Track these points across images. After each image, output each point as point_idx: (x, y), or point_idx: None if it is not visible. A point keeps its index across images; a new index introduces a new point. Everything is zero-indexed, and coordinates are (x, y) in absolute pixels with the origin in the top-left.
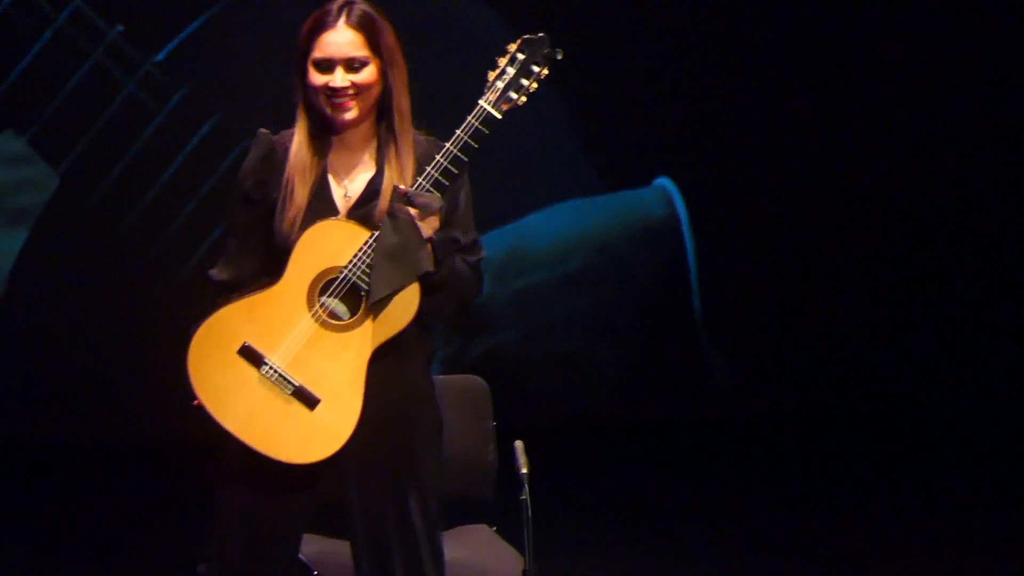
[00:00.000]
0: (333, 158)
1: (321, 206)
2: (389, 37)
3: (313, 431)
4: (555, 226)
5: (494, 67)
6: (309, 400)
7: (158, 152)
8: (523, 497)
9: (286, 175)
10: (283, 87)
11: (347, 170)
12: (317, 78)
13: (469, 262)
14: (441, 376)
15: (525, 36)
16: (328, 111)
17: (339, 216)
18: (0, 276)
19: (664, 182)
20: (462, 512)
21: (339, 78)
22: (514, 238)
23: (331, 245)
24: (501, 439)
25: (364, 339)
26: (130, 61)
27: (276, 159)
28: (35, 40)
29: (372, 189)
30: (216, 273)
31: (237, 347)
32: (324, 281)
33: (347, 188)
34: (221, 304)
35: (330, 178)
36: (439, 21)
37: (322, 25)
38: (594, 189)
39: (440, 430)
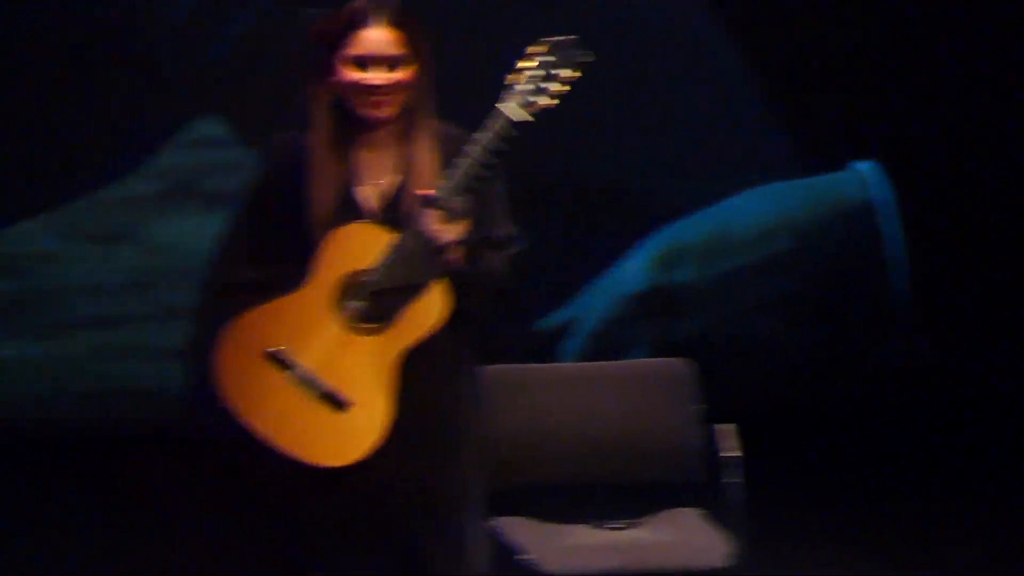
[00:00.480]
0: (357, 158)
1: (347, 207)
2: (423, 36)
3: (344, 433)
4: (757, 209)
5: (517, 71)
6: (339, 403)
7: None
8: (732, 480)
9: (310, 176)
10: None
11: (371, 170)
12: (353, 75)
13: (503, 256)
14: (648, 359)
15: (555, 38)
16: (362, 109)
17: (365, 220)
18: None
19: (865, 165)
20: (671, 495)
21: (378, 75)
22: (714, 221)
23: (357, 248)
24: (707, 422)
25: (392, 341)
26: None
27: (294, 161)
28: (238, 23)
29: (398, 191)
30: (235, 274)
31: (264, 351)
32: (350, 284)
33: (372, 189)
34: (244, 306)
35: (355, 179)
36: (630, 4)
37: (359, 22)
38: (795, 172)
39: (476, 424)
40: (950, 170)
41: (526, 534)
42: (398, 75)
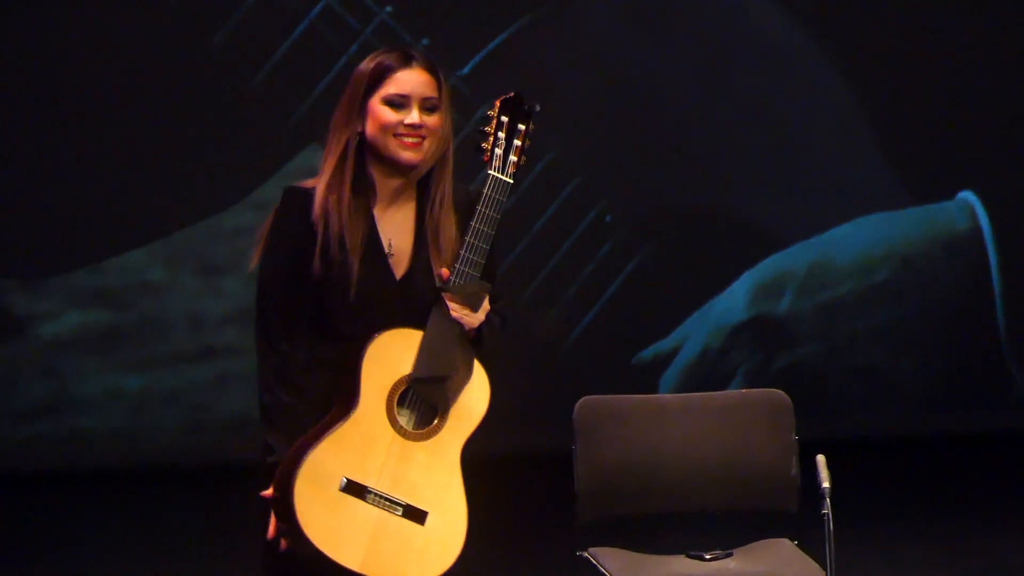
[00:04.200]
0: (378, 209)
1: (374, 266)
2: (448, 89)
3: (428, 544)
4: (860, 239)
5: (484, 136)
6: (418, 515)
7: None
8: (825, 512)
9: (334, 231)
10: (581, 100)
11: (392, 222)
12: (389, 115)
13: (501, 316)
14: (744, 390)
15: (501, 98)
16: (396, 151)
17: (392, 328)
18: None
19: (968, 195)
20: (764, 525)
21: (416, 115)
22: (819, 251)
23: (394, 356)
24: (803, 453)
25: (450, 439)
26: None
27: (316, 215)
28: (341, 54)
29: (420, 259)
30: (281, 344)
31: (338, 484)
32: (399, 393)
33: (392, 243)
34: (297, 424)
35: (379, 232)
36: (745, 36)
37: (396, 64)
38: (899, 202)
39: None
40: None
41: (621, 564)
42: (432, 119)
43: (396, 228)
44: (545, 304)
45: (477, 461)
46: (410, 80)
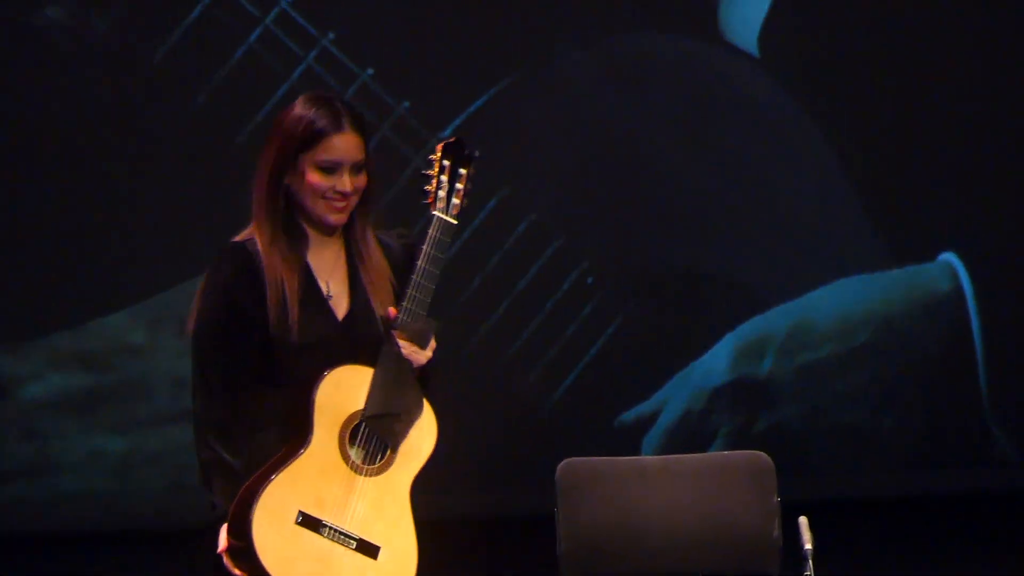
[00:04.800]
0: (310, 255)
1: (315, 309)
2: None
3: None
4: (841, 301)
5: (428, 179)
6: (371, 550)
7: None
8: (807, 573)
9: (271, 279)
10: (563, 161)
11: (325, 267)
12: (320, 180)
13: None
14: (726, 452)
15: (444, 141)
16: (322, 213)
17: (342, 365)
18: None
19: (950, 257)
20: None
21: (347, 181)
22: (800, 313)
23: (345, 392)
24: (786, 514)
25: (400, 475)
26: (416, 136)
27: (255, 266)
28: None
29: (358, 299)
30: (221, 401)
31: (294, 517)
32: (350, 428)
33: (329, 285)
34: (241, 470)
35: (316, 277)
36: (727, 97)
37: (329, 127)
38: (880, 264)
39: None
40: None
41: None
42: (360, 180)
43: (329, 271)
44: (526, 365)
45: (458, 523)
46: (341, 146)
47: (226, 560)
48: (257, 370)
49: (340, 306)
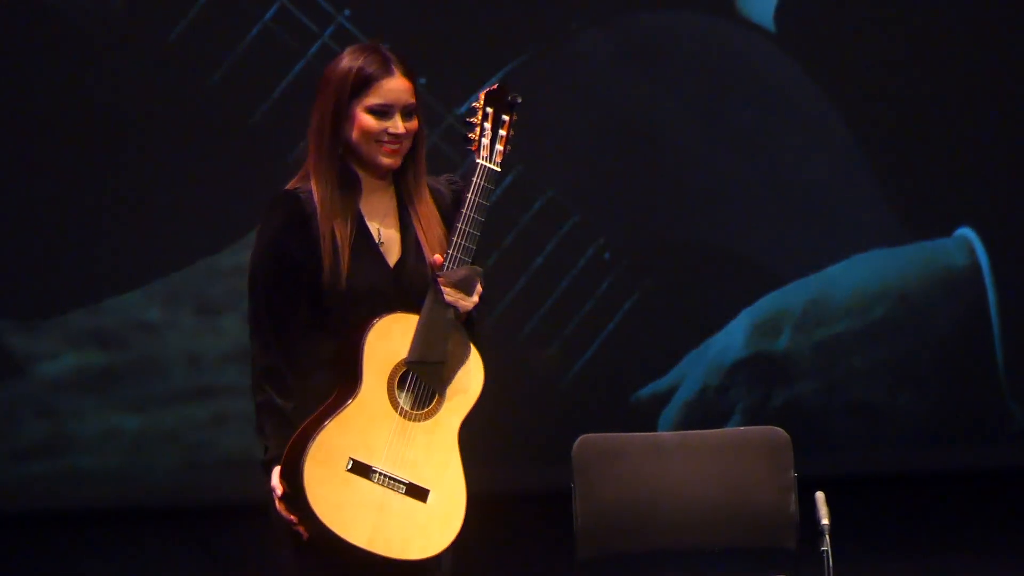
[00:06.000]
0: (362, 202)
1: (367, 257)
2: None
3: (430, 521)
4: (857, 276)
5: (470, 127)
6: (421, 493)
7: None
8: (824, 548)
9: (325, 230)
10: (579, 138)
11: (377, 214)
12: (373, 124)
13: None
14: (743, 427)
15: (486, 90)
16: (377, 157)
17: (391, 313)
18: None
19: (967, 232)
20: (763, 563)
21: (399, 124)
22: (817, 288)
23: (393, 340)
24: (802, 490)
25: (448, 419)
26: (432, 113)
27: (306, 215)
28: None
29: (409, 245)
30: (274, 346)
31: (345, 464)
32: (399, 375)
33: (380, 232)
34: (292, 413)
35: (367, 224)
36: (742, 72)
37: (380, 72)
38: (897, 239)
39: None
40: None
41: None
42: (412, 124)
43: (381, 217)
44: (543, 341)
45: (475, 499)
46: (393, 90)
47: (278, 506)
48: (309, 317)
49: (391, 252)
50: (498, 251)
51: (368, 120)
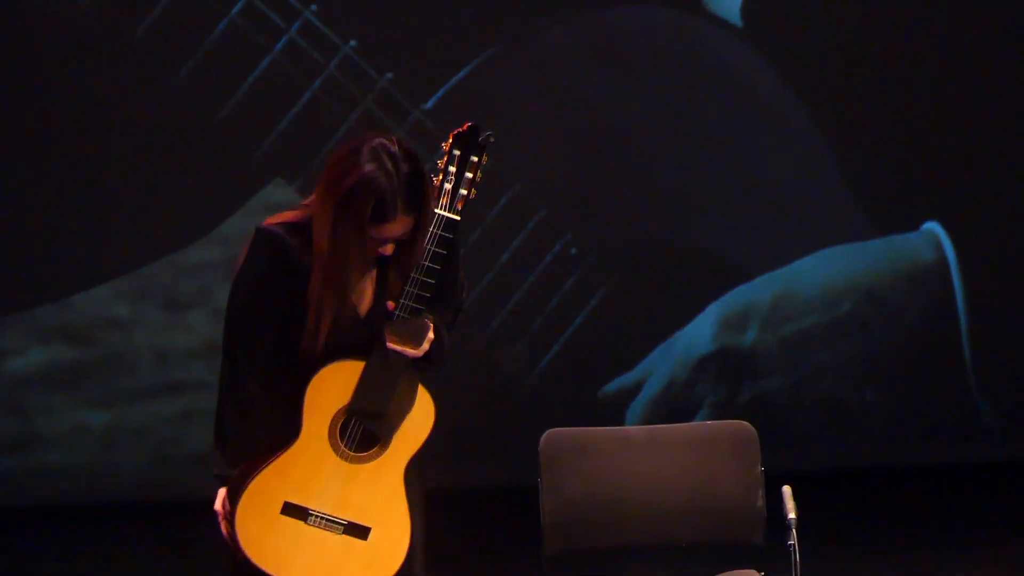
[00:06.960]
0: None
1: (345, 319)
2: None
3: (372, 554)
4: (824, 271)
5: (436, 171)
6: (360, 531)
7: None
8: (791, 543)
9: (313, 293)
10: (546, 132)
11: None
12: (370, 241)
13: (450, 325)
14: (710, 422)
15: (455, 132)
16: (370, 256)
17: (340, 359)
18: None
19: (934, 226)
20: (731, 558)
21: (390, 249)
22: (783, 283)
23: (337, 386)
24: (769, 484)
25: (392, 461)
26: (399, 109)
27: (290, 259)
28: (305, 89)
29: (382, 292)
30: (246, 385)
31: (279, 508)
32: (341, 421)
33: (362, 292)
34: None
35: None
36: (709, 69)
37: (385, 213)
38: (863, 234)
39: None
40: (1007, 234)
41: None
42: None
43: (362, 283)
44: (510, 337)
45: (442, 494)
46: (395, 230)
47: (222, 525)
48: (274, 356)
49: (363, 300)
50: (464, 246)
51: (364, 234)
